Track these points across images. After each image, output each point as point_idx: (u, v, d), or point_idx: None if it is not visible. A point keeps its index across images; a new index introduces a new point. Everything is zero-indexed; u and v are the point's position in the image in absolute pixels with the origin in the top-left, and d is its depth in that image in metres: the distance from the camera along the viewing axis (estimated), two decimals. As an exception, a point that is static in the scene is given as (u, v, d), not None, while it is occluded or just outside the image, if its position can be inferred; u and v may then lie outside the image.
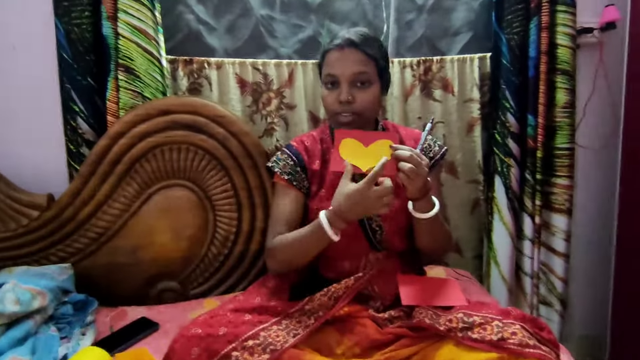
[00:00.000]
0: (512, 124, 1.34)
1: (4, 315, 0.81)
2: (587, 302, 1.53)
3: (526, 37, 1.31)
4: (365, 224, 0.94)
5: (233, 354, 0.74)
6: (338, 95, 0.90)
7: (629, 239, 1.41)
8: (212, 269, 1.20)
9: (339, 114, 0.92)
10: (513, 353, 0.70)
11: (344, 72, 0.90)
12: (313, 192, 0.98)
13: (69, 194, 1.11)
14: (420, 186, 0.81)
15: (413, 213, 0.86)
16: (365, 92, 0.91)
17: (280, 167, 0.99)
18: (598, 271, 1.52)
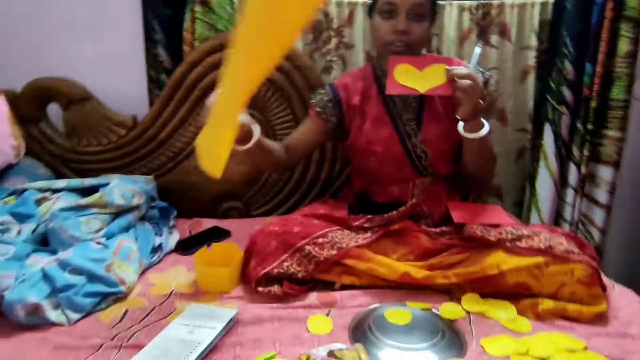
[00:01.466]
0: (569, 71, 1.34)
1: (113, 205, 0.96)
2: (623, 255, 1.58)
3: (594, -18, 1.28)
4: (410, 150, 1.01)
5: (306, 247, 0.87)
6: (394, 25, 0.92)
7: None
8: (272, 193, 1.33)
9: (392, 44, 0.94)
10: (559, 258, 0.78)
11: (404, 2, 0.91)
12: (356, 126, 1.04)
13: (150, 116, 1.24)
14: (475, 104, 0.84)
15: (464, 134, 0.90)
16: (420, 25, 0.93)
17: (317, 100, 1.07)
18: (636, 225, 1.54)
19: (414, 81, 0.88)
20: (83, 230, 0.89)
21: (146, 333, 0.71)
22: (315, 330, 0.74)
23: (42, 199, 0.94)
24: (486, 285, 0.82)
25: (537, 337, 0.70)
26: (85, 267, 0.81)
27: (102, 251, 0.87)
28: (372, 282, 0.87)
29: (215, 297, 0.84)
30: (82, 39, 1.28)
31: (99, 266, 0.83)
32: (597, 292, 0.77)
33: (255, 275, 0.85)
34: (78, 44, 1.28)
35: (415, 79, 0.88)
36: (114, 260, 0.86)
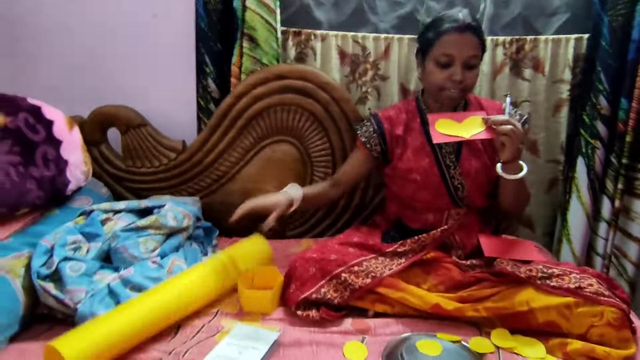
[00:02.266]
0: (604, 107, 1.35)
1: (167, 227, 1.06)
2: (659, 290, 1.54)
3: (630, 19, 1.30)
4: (448, 181, 1.06)
5: (342, 275, 0.93)
6: (450, 75, 0.99)
7: None
8: (307, 215, 1.40)
9: (447, 90, 1.01)
10: (589, 299, 0.81)
11: (461, 54, 0.97)
12: (397, 154, 1.11)
13: (198, 142, 1.35)
14: (516, 147, 0.90)
15: (503, 175, 0.95)
16: (472, 73, 1.01)
17: (362, 131, 1.15)
18: (675, 261, 1.51)
19: (456, 131, 0.94)
20: (141, 249, 0.99)
21: (199, 350, 0.79)
22: (351, 356, 0.79)
23: (106, 219, 1.05)
24: (516, 321, 0.85)
25: (565, 377, 0.73)
26: (144, 285, 0.91)
27: (158, 270, 0.96)
28: (404, 311, 0.92)
29: (258, 318, 0.92)
30: (141, 71, 1.42)
31: (155, 284, 0.92)
32: (627, 335, 0.79)
33: (295, 299, 0.92)
34: (137, 76, 1.42)
35: (457, 129, 0.94)
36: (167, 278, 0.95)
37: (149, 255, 1.00)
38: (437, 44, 1.01)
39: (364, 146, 1.14)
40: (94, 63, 1.41)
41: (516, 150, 0.91)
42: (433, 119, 0.97)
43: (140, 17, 1.39)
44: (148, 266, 0.96)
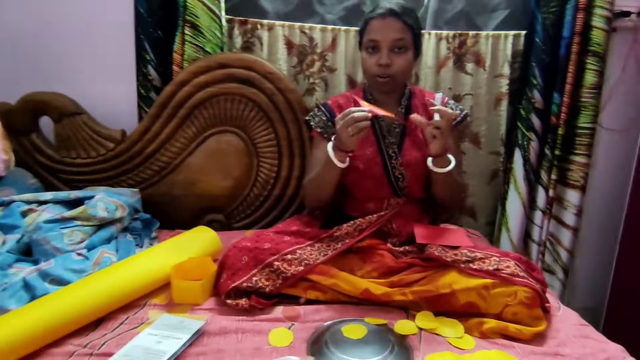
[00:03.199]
0: (538, 100, 1.42)
1: (96, 218, 1.02)
2: (590, 275, 1.64)
3: (561, 17, 1.37)
4: (389, 171, 1.08)
5: (275, 263, 0.93)
6: (378, 59, 1.03)
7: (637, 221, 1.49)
8: (253, 207, 1.39)
9: (377, 76, 1.05)
10: (505, 280, 0.85)
11: (385, 38, 1.02)
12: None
13: (138, 132, 1.31)
14: (445, 141, 0.93)
15: (431, 167, 1.00)
16: (401, 57, 1.03)
17: (315, 122, 1.15)
18: (603, 248, 1.61)
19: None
20: (65, 241, 0.95)
21: (117, 342, 0.77)
22: (276, 343, 0.79)
23: (28, 210, 1.00)
24: (440, 303, 0.88)
25: (477, 354, 0.76)
26: (65, 277, 0.87)
27: (83, 262, 0.93)
28: (336, 298, 0.93)
29: (187, 309, 0.90)
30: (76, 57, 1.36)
31: (79, 277, 0.88)
32: (538, 314, 0.83)
33: (225, 288, 0.91)
34: (71, 61, 1.36)
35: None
36: (93, 270, 0.92)
37: (74, 248, 0.96)
38: (365, 32, 1.06)
39: (321, 136, 1.13)
40: (26, 47, 1.33)
41: (445, 143, 0.94)
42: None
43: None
44: (71, 258, 0.92)
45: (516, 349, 0.78)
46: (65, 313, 0.77)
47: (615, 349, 0.78)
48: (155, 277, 0.92)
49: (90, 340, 0.78)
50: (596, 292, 1.65)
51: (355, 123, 0.89)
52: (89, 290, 0.82)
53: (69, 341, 0.77)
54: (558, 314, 0.89)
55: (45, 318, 0.74)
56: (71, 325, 0.78)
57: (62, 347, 0.76)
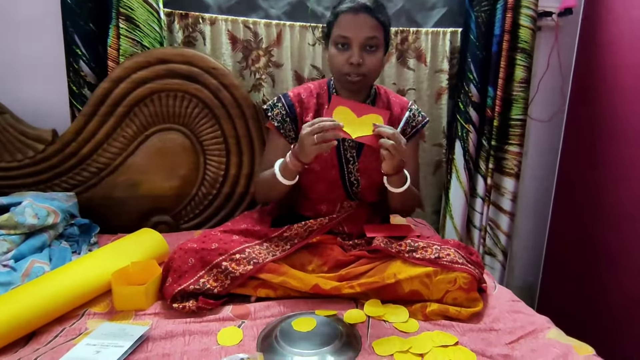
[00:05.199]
0: (474, 94, 1.51)
1: (25, 225, 0.94)
2: (525, 255, 1.78)
3: (493, 16, 1.46)
4: (345, 176, 1.07)
5: (223, 264, 0.91)
6: (349, 57, 0.95)
7: (563, 201, 1.64)
8: (202, 206, 1.35)
9: (347, 74, 0.98)
10: (445, 267, 0.89)
11: (357, 36, 0.94)
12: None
13: (72, 131, 1.22)
14: (396, 164, 0.90)
15: (387, 186, 0.98)
16: (374, 56, 0.97)
17: (273, 114, 1.07)
18: (536, 229, 1.76)
19: (349, 125, 0.90)
20: (-11, 252, 0.87)
21: (51, 356, 0.71)
22: (225, 342, 0.78)
23: (-57, 221, 0.90)
24: (386, 293, 0.91)
25: (421, 336, 0.80)
26: (-11, 291, 0.80)
27: (9, 274, 0.85)
28: (287, 294, 0.93)
29: (130, 315, 0.86)
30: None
31: (5, 290, 0.81)
32: (475, 296, 0.89)
33: (171, 291, 0.88)
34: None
35: (350, 123, 0.91)
36: (22, 282, 0.85)
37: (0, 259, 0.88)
38: (335, 26, 0.98)
39: (277, 131, 1.07)
40: None
41: (397, 165, 0.91)
42: (336, 102, 0.92)
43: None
44: (-4, 270, 0.85)
45: (455, 328, 0.83)
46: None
47: (542, 320, 0.86)
48: (95, 284, 0.87)
49: (19, 357, 0.72)
50: (531, 270, 1.80)
51: (323, 133, 0.85)
52: (18, 303, 0.76)
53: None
54: (494, 293, 0.96)
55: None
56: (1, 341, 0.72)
57: (-14, 367, 0.70)
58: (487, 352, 0.75)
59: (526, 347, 0.77)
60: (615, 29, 1.39)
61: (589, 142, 1.49)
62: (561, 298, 1.64)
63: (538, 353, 0.75)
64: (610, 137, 1.40)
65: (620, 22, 1.37)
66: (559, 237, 1.67)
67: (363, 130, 0.91)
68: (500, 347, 0.77)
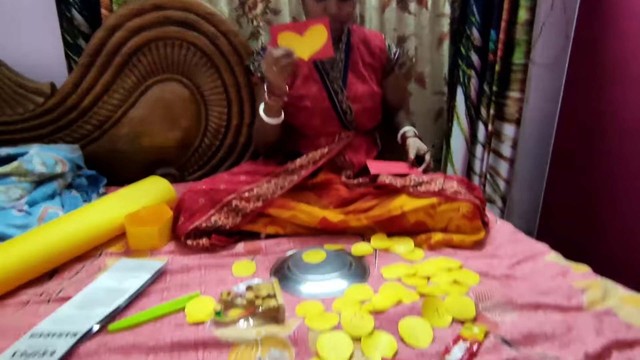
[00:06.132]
0: (476, 38, 1.48)
1: (34, 173, 0.95)
2: (524, 200, 1.82)
3: (496, -46, 1.41)
4: (337, 106, 1.11)
5: (233, 202, 0.94)
6: (325, 8, 1.01)
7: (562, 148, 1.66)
8: (206, 157, 1.36)
9: None
10: (448, 198, 0.92)
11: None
12: (289, 84, 1.09)
13: (70, 83, 1.21)
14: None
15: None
16: (348, 5, 1.04)
17: (256, 67, 1.13)
18: (535, 176, 1.79)
19: (298, 46, 0.91)
20: (2, 198, 0.89)
21: (75, 288, 0.75)
22: (239, 273, 0.82)
23: (-47, 170, 0.91)
24: (392, 225, 0.94)
25: (426, 262, 0.83)
26: (8, 233, 0.82)
27: (25, 218, 0.87)
28: (295, 231, 0.96)
29: (146, 254, 0.89)
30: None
31: (23, 232, 0.84)
32: (478, 225, 0.92)
33: (184, 229, 0.91)
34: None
35: (299, 44, 0.91)
36: (39, 225, 0.87)
37: (14, 204, 0.90)
38: None
39: (262, 82, 1.08)
40: None
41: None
42: (275, 31, 0.92)
43: None
44: (12, 214, 0.87)
45: (459, 255, 0.86)
46: (16, 263, 0.73)
47: (541, 246, 0.90)
48: (110, 226, 0.90)
49: (46, 289, 0.75)
50: (529, 216, 1.84)
51: (277, 61, 0.87)
52: (41, 239, 0.78)
53: (23, 291, 0.75)
54: (495, 226, 0.99)
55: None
56: (24, 275, 0.75)
57: (16, 297, 0.73)
58: (490, 273, 0.79)
59: (527, 268, 0.81)
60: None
61: (590, 88, 1.49)
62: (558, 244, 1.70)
63: (538, 272, 0.79)
64: (612, 82, 1.39)
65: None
66: (558, 184, 1.70)
67: (312, 46, 0.92)
68: (502, 269, 0.80)
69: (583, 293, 0.70)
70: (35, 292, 0.75)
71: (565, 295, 0.70)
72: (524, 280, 0.76)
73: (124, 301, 0.69)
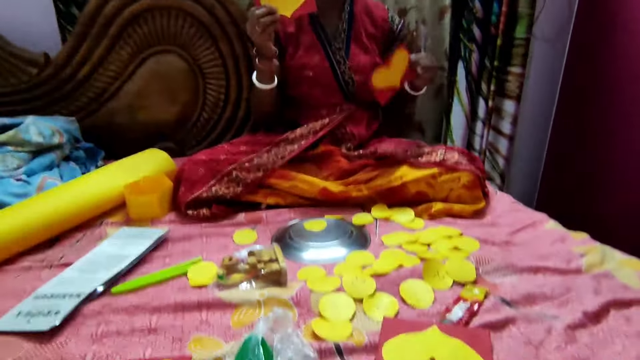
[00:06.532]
0: (478, 10, 1.45)
1: (31, 143, 0.94)
2: (522, 179, 1.83)
3: None
4: (339, 76, 1.10)
5: (234, 172, 0.93)
6: None
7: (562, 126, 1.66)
8: (205, 132, 1.35)
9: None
10: (449, 168, 0.92)
11: None
12: (290, 52, 1.10)
13: (64, 54, 1.18)
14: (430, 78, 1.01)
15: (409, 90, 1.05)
16: None
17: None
18: (534, 153, 1.79)
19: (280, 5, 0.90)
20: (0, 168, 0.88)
21: (77, 255, 0.75)
22: (240, 241, 0.82)
23: (-52, 139, 0.90)
24: (393, 195, 0.94)
25: (427, 230, 0.84)
26: (7, 201, 0.81)
27: (24, 187, 0.87)
28: (296, 202, 0.96)
29: (147, 224, 0.89)
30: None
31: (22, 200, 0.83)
32: (478, 194, 0.92)
33: (185, 199, 0.91)
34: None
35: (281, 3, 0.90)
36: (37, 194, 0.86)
37: (11, 174, 0.89)
38: None
39: None
40: None
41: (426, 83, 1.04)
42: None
43: None
44: (11, 183, 0.86)
45: (460, 223, 0.87)
46: (17, 229, 0.73)
47: (540, 215, 0.90)
48: (110, 194, 0.89)
49: (47, 256, 0.75)
50: (528, 195, 1.85)
51: (258, 21, 0.86)
52: (41, 207, 0.78)
53: (24, 258, 0.75)
54: (496, 197, 1.00)
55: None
56: (25, 241, 0.75)
57: (17, 263, 0.73)
58: (489, 240, 0.79)
59: (526, 235, 0.82)
60: None
61: (591, 64, 1.47)
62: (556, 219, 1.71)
63: (538, 239, 0.80)
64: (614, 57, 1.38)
65: None
66: (556, 162, 1.71)
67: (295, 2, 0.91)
68: (502, 236, 0.81)
69: (582, 257, 0.71)
70: (36, 259, 0.75)
71: (564, 259, 0.71)
72: (524, 246, 0.76)
73: (126, 266, 0.69)
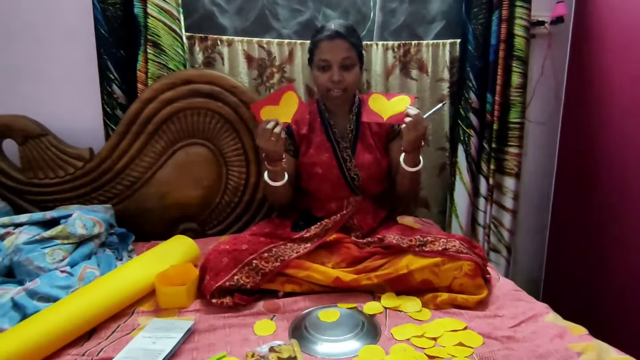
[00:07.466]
0: (474, 101, 1.61)
1: (75, 235, 1.06)
2: (529, 250, 1.88)
3: (489, 27, 1.57)
4: (345, 173, 1.23)
5: (254, 262, 1.02)
6: (330, 76, 1.17)
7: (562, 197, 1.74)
8: (225, 213, 1.47)
9: (330, 90, 1.19)
10: (451, 257, 1.00)
11: (335, 58, 1.16)
12: (303, 151, 1.26)
13: (107, 149, 1.34)
14: (414, 139, 1.07)
15: (403, 165, 1.14)
16: (350, 73, 1.19)
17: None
18: (538, 225, 1.85)
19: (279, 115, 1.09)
20: (48, 260, 0.98)
21: (114, 347, 0.83)
22: (261, 333, 0.89)
23: (5, 233, 1.02)
24: (400, 283, 1.02)
25: (433, 322, 0.90)
26: (53, 294, 0.91)
27: (68, 279, 0.97)
28: (310, 289, 1.04)
29: (175, 312, 0.97)
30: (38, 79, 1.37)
31: (66, 292, 0.93)
32: (480, 283, 0.99)
33: (209, 288, 0.99)
34: (34, 84, 1.37)
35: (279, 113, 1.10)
36: (79, 285, 0.96)
37: (57, 266, 1.00)
38: (316, 52, 1.19)
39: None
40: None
41: (415, 140, 1.08)
42: (255, 109, 1.10)
43: (34, 19, 1.33)
44: (56, 276, 0.96)
45: (464, 315, 0.93)
46: (59, 326, 0.82)
47: (541, 306, 0.96)
48: (141, 286, 0.98)
49: (87, 349, 0.83)
50: (535, 264, 1.89)
51: (272, 132, 1.02)
52: (80, 303, 0.87)
53: (66, 352, 0.82)
54: (497, 284, 1.06)
55: (41, 332, 0.79)
56: (66, 337, 0.83)
57: (60, 357, 0.81)
58: (492, 335, 0.85)
59: (527, 329, 0.87)
60: (604, 35, 1.49)
61: (584, 141, 1.59)
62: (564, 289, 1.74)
63: (537, 334, 0.85)
64: (604, 135, 1.50)
65: (609, 28, 1.47)
66: (560, 231, 1.77)
67: (289, 109, 1.10)
68: (504, 330, 0.87)
69: (579, 356, 0.76)
70: (78, 352, 0.82)
71: (562, 358, 0.76)
72: (524, 342, 0.82)
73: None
